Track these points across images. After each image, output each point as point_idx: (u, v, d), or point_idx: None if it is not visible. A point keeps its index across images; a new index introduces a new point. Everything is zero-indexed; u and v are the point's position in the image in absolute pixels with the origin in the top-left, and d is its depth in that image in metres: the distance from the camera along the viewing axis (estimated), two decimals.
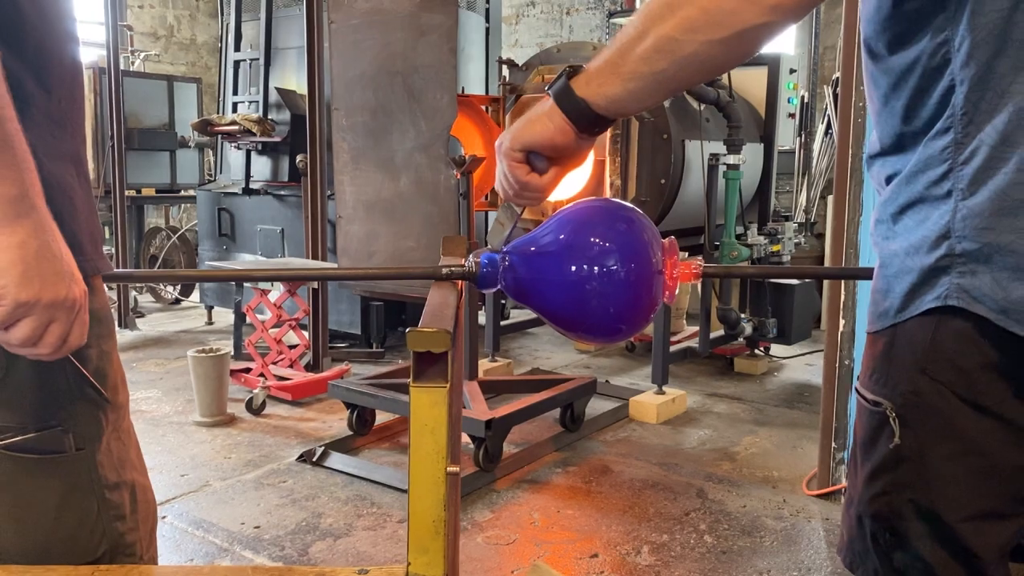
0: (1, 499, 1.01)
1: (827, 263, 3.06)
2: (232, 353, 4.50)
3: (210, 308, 6.34)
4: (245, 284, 4.46)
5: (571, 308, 1.42)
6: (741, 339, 4.69)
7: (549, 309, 1.46)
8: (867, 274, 3.12)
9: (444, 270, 1.49)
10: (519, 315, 6.22)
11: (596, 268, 1.36)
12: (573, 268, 1.38)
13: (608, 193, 3.82)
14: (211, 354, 3.86)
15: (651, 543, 2.72)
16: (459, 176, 3.55)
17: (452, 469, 1.03)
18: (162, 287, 7.17)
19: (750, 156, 4.52)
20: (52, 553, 1.04)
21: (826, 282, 3.12)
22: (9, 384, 0.94)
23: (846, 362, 2.97)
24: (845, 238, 2.92)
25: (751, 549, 2.69)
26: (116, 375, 1.08)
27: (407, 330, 0.96)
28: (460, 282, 1.48)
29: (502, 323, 4.93)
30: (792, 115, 5.22)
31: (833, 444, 3.06)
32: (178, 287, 7.17)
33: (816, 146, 6.18)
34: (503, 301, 6.51)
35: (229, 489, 3.14)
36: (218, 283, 6.00)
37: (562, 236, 1.44)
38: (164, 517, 2.87)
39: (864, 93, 2.82)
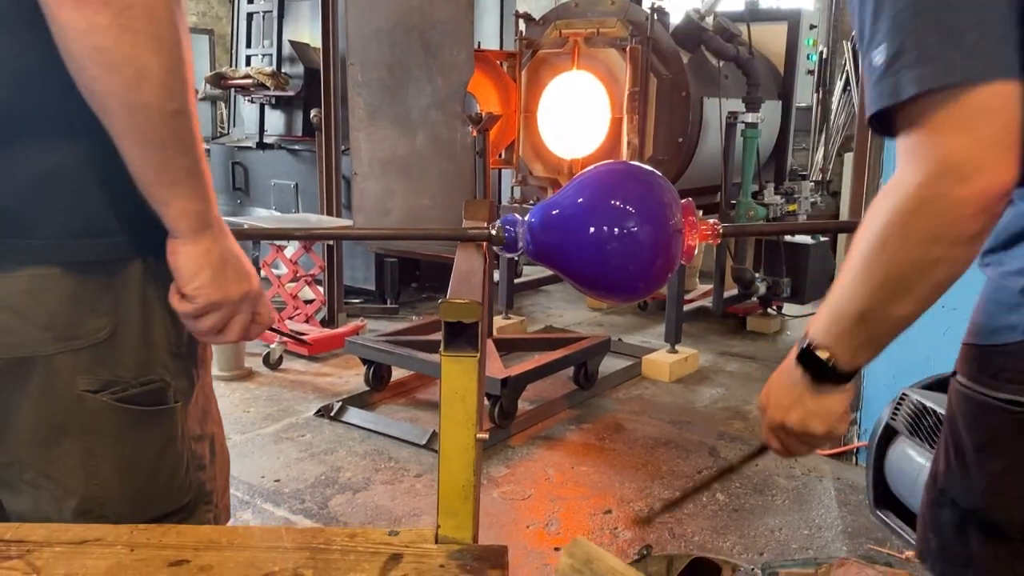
0: (109, 451, 1.06)
1: (843, 238, 3.04)
2: None
3: None
4: (262, 240, 4.47)
5: (592, 268, 1.44)
6: (755, 298, 4.69)
7: (571, 270, 1.48)
8: None
9: (470, 232, 1.51)
10: (532, 272, 6.23)
11: (616, 230, 1.38)
12: (593, 230, 1.40)
13: (625, 152, 3.80)
14: None
15: (664, 500, 2.77)
16: (475, 134, 3.53)
17: (481, 435, 1.05)
18: None
19: (768, 114, 4.47)
20: (149, 503, 1.10)
21: (840, 242, 3.11)
22: (117, 342, 1.00)
23: None
24: (864, 201, 2.91)
25: (763, 507, 2.74)
26: (205, 361, 1.14)
27: (440, 301, 0.97)
28: (484, 245, 1.50)
29: (516, 280, 4.93)
30: (811, 72, 5.16)
31: None
32: None
33: (834, 103, 6.10)
34: (516, 258, 6.53)
35: (249, 443, 3.19)
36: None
37: (583, 199, 1.46)
38: None
39: None
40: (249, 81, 5.41)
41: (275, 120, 5.65)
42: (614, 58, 3.91)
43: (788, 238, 4.67)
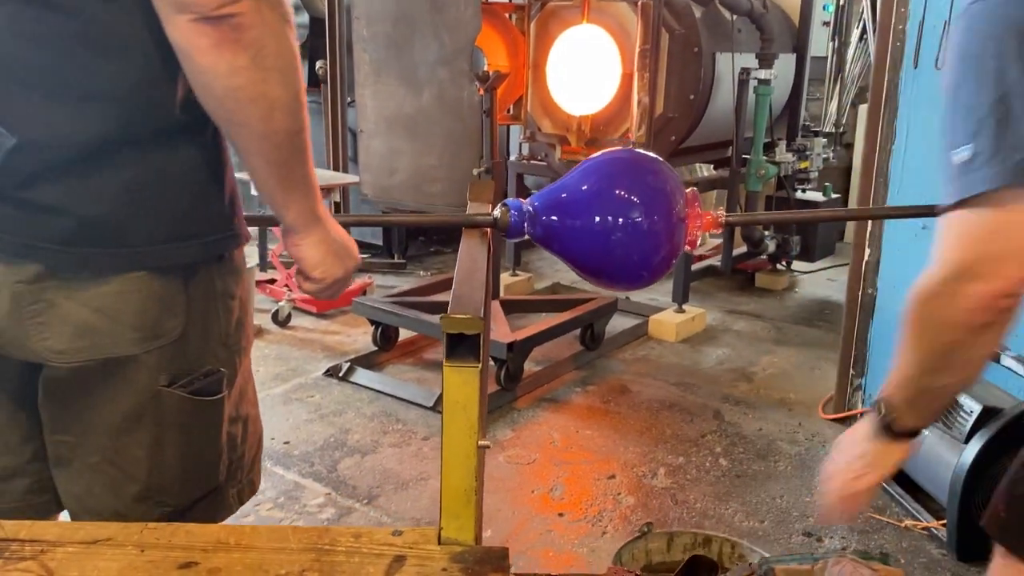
0: (175, 439, 1.14)
1: (855, 185, 3.01)
2: (259, 264, 4.56)
3: None
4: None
5: (596, 257, 1.44)
6: (763, 256, 4.67)
7: (575, 258, 1.48)
8: (894, 213, 3.08)
9: (475, 219, 1.50)
10: None
11: (621, 219, 1.38)
12: (598, 219, 1.40)
13: (635, 110, 3.74)
14: None
15: (667, 465, 2.81)
16: (482, 92, 3.48)
17: (483, 443, 1.07)
18: None
19: (781, 67, 4.39)
20: (193, 488, 1.19)
21: (851, 201, 3.08)
22: (185, 341, 1.10)
23: (869, 291, 2.97)
24: (876, 166, 2.87)
25: (765, 473, 2.77)
26: (248, 322, 1.23)
27: (440, 317, 0.98)
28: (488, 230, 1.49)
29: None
30: (827, 23, 5.04)
31: (851, 371, 3.09)
32: None
33: (850, 53, 5.97)
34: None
35: (259, 403, 3.23)
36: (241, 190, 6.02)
37: (588, 187, 1.45)
38: None
39: (905, 12, 2.72)
40: None
41: None
42: (625, 12, 3.82)
43: (800, 195, 4.63)
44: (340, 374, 3.46)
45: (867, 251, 2.95)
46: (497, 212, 1.46)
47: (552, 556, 2.30)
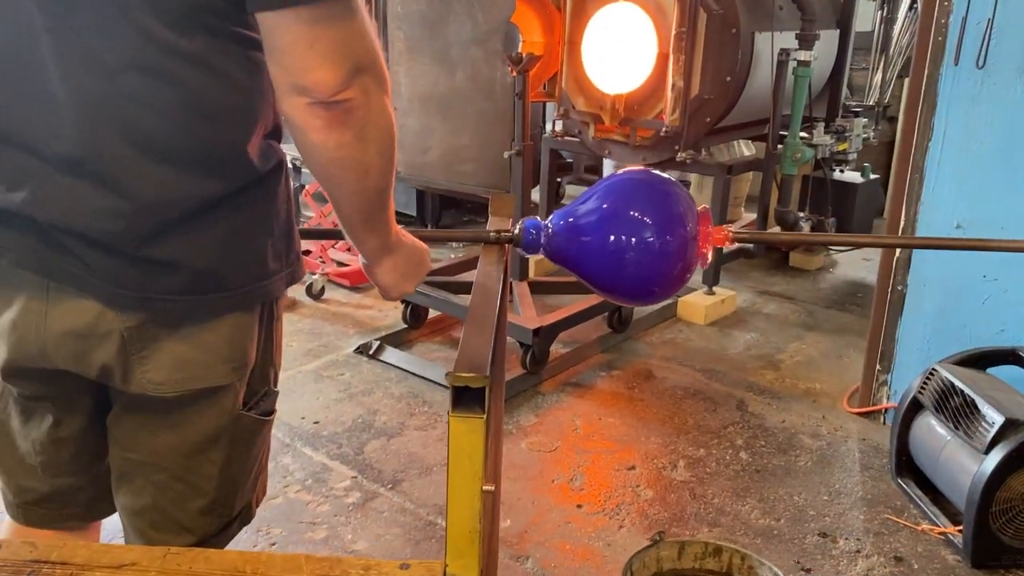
0: (242, 457, 1.25)
1: (891, 186, 2.95)
2: None
3: None
4: (303, 169, 4.50)
5: (610, 276, 1.48)
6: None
7: (589, 276, 1.51)
8: (919, 244, 3.04)
9: (491, 234, 1.53)
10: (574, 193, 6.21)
11: (634, 240, 1.41)
12: (612, 239, 1.43)
13: (669, 95, 3.70)
14: None
15: (687, 457, 2.84)
16: (515, 74, 3.46)
17: (487, 488, 1.11)
18: None
19: (823, 43, 4.28)
20: (242, 496, 1.30)
21: (890, 190, 3.01)
22: (255, 363, 1.21)
23: (899, 287, 2.94)
24: (911, 162, 2.82)
25: (784, 469, 2.79)
26: (279, 350, 1.32)
27: (446, 374, 1.02)
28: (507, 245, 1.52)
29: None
30: None
31: (878, 367, 3.08)
32: None
33: (897, 27, 5.80)
34: (559, 179, 6.46)
35: (291, 380, 3.32)
36: None
37: (603, 207, 1.47)
38: None
39: (949, 5, 2.64)
40: None
41: None
42: None
43: (837, 176, 4.55)
44: (370, 352, 3.53)
45: (898, 248, 2.91)
46: (517, 229, 1.49)
47: (568, 549, 2.36)
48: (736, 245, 4.50)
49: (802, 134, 4.21)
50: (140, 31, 0.97)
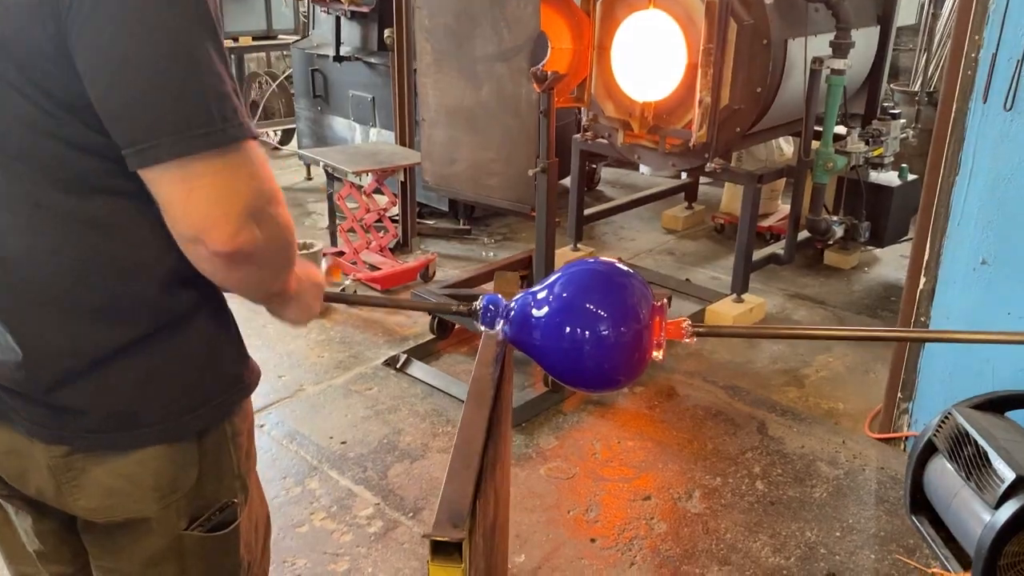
0: (199, 567, 1.27)
1: (917, 221, 2.90)
2: (328, 244, 4.73)
3: (308, 164, 6.52)
4: (336, 175, 4.56)
5: (567, 366, 1.52)
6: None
7: (548, 364, 1.55)
8: (912, 336, 3.04)
9: (453, 308, 1.62)
10: (606, 189, 6.20)
11: (588, 333, 1.44)
12: (568, 330, 1.46)
13: (696, 111, 3.66)
14: (305, 251, 4.09)
15: (703, 487, 2.89)
16: (539, 92, 3.46)
17: None
18: (264, 132, 7.37)
19: (862, 41, 4.18)
20: None
21: (917, 223, 2.94)
22: (201, 485, 1.22)
23: (922, 319, 2.92)
24: (937, 198, 2.77)
25: (799, 501, 2.83)
26: (252, 442, 1.34)
27: (423, 535, 1.07)
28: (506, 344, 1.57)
29: (585, 212, 4.88)
30: None
31: (899, 395, 3.07)
32: (279, 133, 7.38)
33: (941, 22, 5.61)
34: (593, 165, 6.43)
35: (321, 395, 3.44)
36: (314, 138, 6.19)
37: (561, 299, 1.50)
38: (262, 425, 3.20)
39: (979, 40, 2.56)
40: None
41: (350, 33, 5.59)
42: (692, 1, 3.70)
43: (873, 177, 4.46)
44: (397, 366, 3.63)
45: (922, 279, 2.89)
46: (477, 304, 1.55)
47: None
48: (767, 250, 4.47)
49: (837, 130, 4.12)
50: (31, 197, 1.02)
